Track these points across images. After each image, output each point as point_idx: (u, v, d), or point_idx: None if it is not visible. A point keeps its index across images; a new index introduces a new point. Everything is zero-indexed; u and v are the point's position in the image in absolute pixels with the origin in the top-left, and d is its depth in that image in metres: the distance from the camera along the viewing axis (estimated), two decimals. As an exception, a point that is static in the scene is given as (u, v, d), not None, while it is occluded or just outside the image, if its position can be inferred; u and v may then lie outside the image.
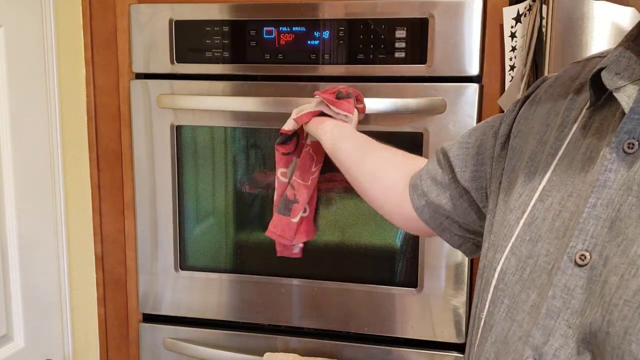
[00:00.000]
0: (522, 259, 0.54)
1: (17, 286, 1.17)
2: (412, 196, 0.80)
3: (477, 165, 0.72)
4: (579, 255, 0.47)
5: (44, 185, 1.23)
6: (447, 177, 0.76)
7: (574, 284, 0.47)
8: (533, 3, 1.00)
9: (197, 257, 1.31)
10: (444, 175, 0.76)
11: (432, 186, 0.78)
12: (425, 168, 0.82)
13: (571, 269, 0.48)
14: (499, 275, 0.56)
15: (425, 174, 0.80)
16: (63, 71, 1.26)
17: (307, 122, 1.05)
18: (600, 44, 0.88)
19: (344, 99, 1.04)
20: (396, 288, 1.20)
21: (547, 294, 0.49)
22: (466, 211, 0.74)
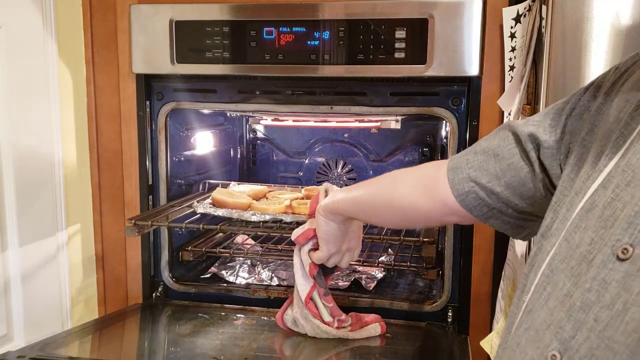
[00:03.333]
0: (572, 247, 0.52)
1: (17, 286, 1.17)
2: (454, 181, 0.74)
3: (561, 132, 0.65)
4: (622, 249, 0.46)
5: (44, 185, 1.23)
6: (519, 155, 0.69)
7: (611, 277, 0.46)
8: (533, 3, 1.00)
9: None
10: (514, 153, 0.70)
11: (482, 170, 0.72)
12: (468, 153, 0.76)
13: (612, 262, 0.46)
14: (549, 260, 0.54)
15: (471, 158, 0.74)
16: (63, 71, 1.26)
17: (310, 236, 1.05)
18: (600, 44, 0.88)
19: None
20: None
21: (585, 286, 0.48)
22: (529, 192, 0.69)
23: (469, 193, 0.73)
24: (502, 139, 0.72)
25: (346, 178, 1.77)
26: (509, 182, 0.70)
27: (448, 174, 0.76)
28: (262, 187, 1.55)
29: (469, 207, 0.74)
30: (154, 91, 1.32)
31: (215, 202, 1.35)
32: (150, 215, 1.27)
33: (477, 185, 0.72)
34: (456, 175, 0.75)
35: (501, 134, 0.73)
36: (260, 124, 1.80)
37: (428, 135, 1.69)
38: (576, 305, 0.48)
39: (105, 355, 1.12)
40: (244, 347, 1.10)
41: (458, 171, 0.75)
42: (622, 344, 0.43)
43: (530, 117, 0.70)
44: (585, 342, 0.46)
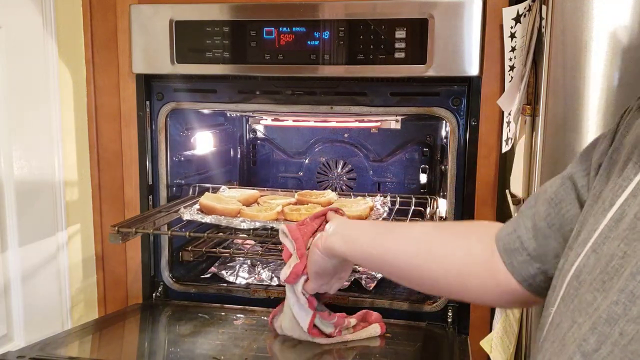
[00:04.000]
0: (600, 258, 0.49)
1: (17, 286, 1.17)
2: (512, 264, 0.66)
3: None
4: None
5: (44, 185, 1.23)
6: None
7: (639, 290, 0.44)
8: (533, 3, 1.00)
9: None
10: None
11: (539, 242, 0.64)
12: (519, 223, 0.67)
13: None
14: (574, 271, 0.52)
15: (524, 234, 0.65)
16: (63, 71, 1.26)
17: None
18: (600, 44, 0.88)
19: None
20: None
21: (612, 299, 0.46)
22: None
23: (536, 275, 0.65)
24: (553, 202, 0.65)
25: (346, 178, 1.77)
26: (564, 235, 0.62)
27: (502, 258, 0.67)
28: (253, 191, 1.51)
29: (540, 290, 0.65)
30: (154, 91, 1.32)
31: (203, 208, 1.29)
32: (135, 221, 1.23)
33: (542, 264, 0.64)
34: (514, 259, 0.66)
35: (553, 193, 0.65)
36: (260, 124, 1.80)
37: (428, 135, 1.69)
38: (602, 319, 0.46)
39: (105, 355, 1.12)
40: (244, 347, 1.10)
41: (515, 254, 0.66)
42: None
43: (582, 153, 0.65)
44: (609, 356, 0.44)
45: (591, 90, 0.89)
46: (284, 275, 1.00)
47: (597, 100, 0.88)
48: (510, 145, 1.08)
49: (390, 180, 1.74)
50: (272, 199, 1.46)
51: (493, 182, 1.17)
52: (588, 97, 0.89)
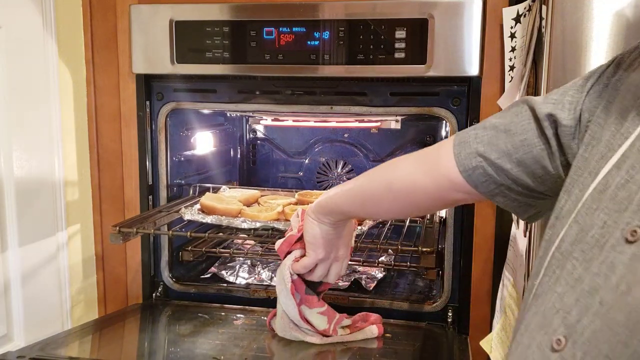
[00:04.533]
0: (584, 229, 0.51)
1: (17, 286, 1.17)
2: (460, 156, 0.71)
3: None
4: (631, 231, 0.45)
5: (44, 185, 1.23)
6: (535, 131, 0.66)
7: (619, 260, 0.45)
8: (533, 3, 1.00)
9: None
10: (530, 130, 0.66)
11: (492, 145, 0.69)
12: (477, 128, 0.73)
13: (621, 245, 0.46)
14: (558, 242, 0.53)
15: (480, 132, 0.71)
16: (63, 71, 1.26)
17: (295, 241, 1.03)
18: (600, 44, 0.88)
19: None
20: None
21: (594, 271, 0.47)
22: (541, 170, 0.66)
23: (476, 169, 0.70)
24: (515, 114, 0.69)
25: (346, 178, 1.77)
26: (520, 159, 0.66)
27: (454, 148, 0.72)
28: (254, 191, 1.51)
29: (476, 183, 0.71)
30: (154, 91, 1.32)
31: (204, 208, 1.31)
32: (136, 221, 1.23)
33: (485, 161, 0.69)
34: (463, 150, 0.71)
35: (515, 109, 0.70)
36: (260, 124, 1.80)
37: (428, 135, 1.69)
38: (585, 290, 0.47)
39: (105, 355, 1.12)
40: (244, 347, 1.10)
41: (465, 146, 0.71)
42: (622, 324, 0.43)
43: (549, 94, 0.67)
44: (590, 326, 0.45)
45: (591, 90, 0.88)
46: (277, 244, 1.04)
47: (597, 100, 0.88)
48: (510, 145, 1.08)
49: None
50: (273, 199, 1.46)
51: (493, 182, 1.16)
52: (588, 97, 0.89)
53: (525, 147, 0.66)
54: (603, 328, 0.44)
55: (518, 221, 1.04)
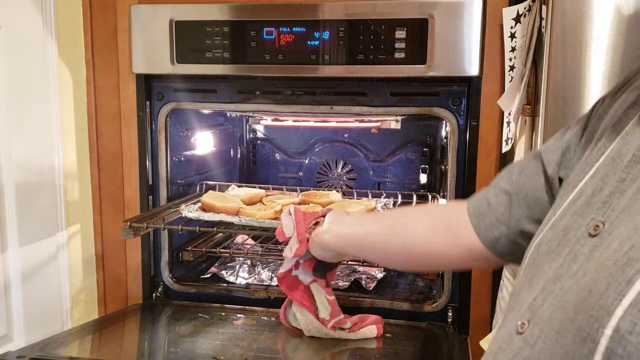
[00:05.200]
0: (557, 232, 0.54)
1: (17, 286, 1.17)
2: (479, 226, 0.71)
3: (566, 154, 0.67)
4: (594, 226, 0.49)
5: (44, 185, 1.23)
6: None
7: (581, 252, 0.49)
8: (533, 3, 1.00)
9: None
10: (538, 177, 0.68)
11: (509, 212, 0.69)
12: (489, 193, 0.73)
13: (585, 239, 0.49)
14: (535, 246, 0.57)
15: (494, 200, 0.71)
16: (63, 71, 1.26)
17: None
18: (600, 44, 0.88)
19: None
20: None
21: (559, 262, 0.50)
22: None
23: (500, 238, 0.70)
24: (520, 172, 0.70)
25: (346, 178, 1.77)
26: (539, 217, 0.66)
27: (471, 219, 0.72)
28: (259, 191, 1.52)
29: (501, 253, 0.71)
30: (154, 91, 1.32)
31: (204, 206, 1.32)
32: (146, 217, 1.25)
33: (507, 229, 0.69)
34: (482, 221, 0.71)
35: (520, 167, 0.71)
36: (260, 124, 1.80)
37: (428, 135, 1.69)
38: (550, 279, 0.51)
39: (105, 355, 1.12)
40: (244, 347, 1.09)
41: (483, 217, 0.71)
42: (572, 303, 0.45)
43: (557, 135, 0.69)
44: (549, 308, 0.48)
45: (591, 90, 0.89)
46: (286, 254, 1.05)
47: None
48: (510, 145, 1.08)
49: (390, 180, 1.74)
50: (279, 198, 1.45)
51: (493, 182, 1.17)
52: (588, 97, 0.89)
53: (539, 206, 0.68)
54: (557, 308, 0.47)
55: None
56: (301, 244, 1.02)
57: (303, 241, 1.02)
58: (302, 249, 1.02)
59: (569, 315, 0.45)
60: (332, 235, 0.95)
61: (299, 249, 1.02)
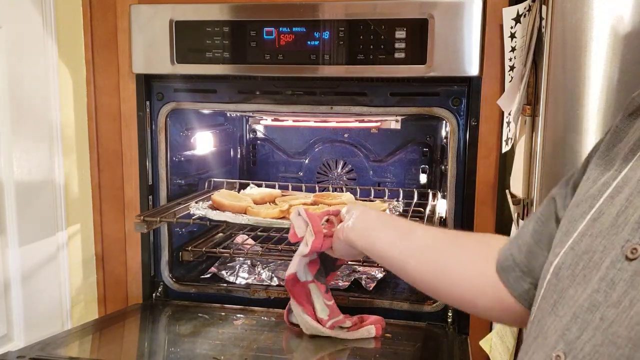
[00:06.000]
0: (579, 254, 0.52)
1: (17, 286, 1.17)
2: (508, 281, 0.70)
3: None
4: (632, 249, 0.47)
5: (45, 185, 1.23)
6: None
7: (619, 277, 0.47)
8: (533, 3, 1.00)
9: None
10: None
11: (532, 262, 0.68)
12: (512, 247, 0.71)
13: (621, 262, 0.47)
14: (553, 270, 0.55)
15: (517, 254, 0.69)
16: (63, 71, 1.26)
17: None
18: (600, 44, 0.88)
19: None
20: None
21: (592, 288, 0.48)
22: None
23: (530, 290, 0.68)
24: (536, 220, 0.69)
25: (346, 178, 1.77)
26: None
27: (500, 275, 0.71)
28: (274, 191, 1.51)
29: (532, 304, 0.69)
30: (154, 91, 1.32)
31: (214, 204, 1.33)
32: (158, 212, 1.28)
33: (534, 279, 0.67)
34: (510, 275, 0.70)
35: (540, 214, 0.69)
36: (260, 124, 1.80)
37: (428, 135, 1.69)
38: (584, 307, 0.48)
39: (105, 355, 1.12)
40: (244, 347, 1.09)
41: (509, 270, 0.70)
42: (625, 337, 0.44)
43: (566, 177, 0.68)
44: (590, 341, 0.46)
45: (591, 90, 0.89)
46: (303, 251, 1.03)
47: (597, 100, 0.88)
48: (510, 145, 1.08)
49: (390, 180, 1.75)
50: (293, 198, 1.44)
51: (493, 182, 1.17)
52: (588, 97, 0.89)
53: (549, 236, 0.66)
54: (605, 342, 0.45)
55: (518, 221, 1.04)
56: (317, 235, 1.00)
57: (319, 233, 1.00)
58: (319, 242, 0.99)
59: (623, 352, 0.43)
60: (359, 236, 0.91)
61: (315, 241, 0.99)
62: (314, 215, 1.03)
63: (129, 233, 1.35)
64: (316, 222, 1.01)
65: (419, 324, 1.23)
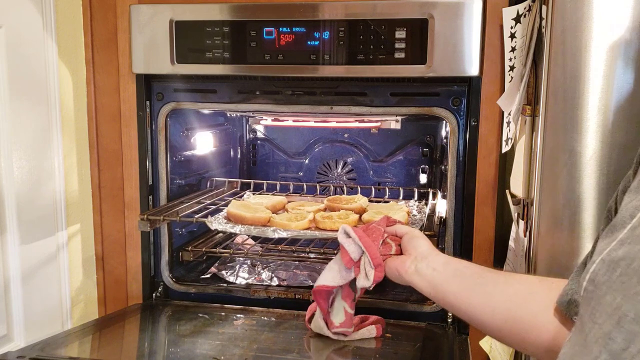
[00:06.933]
0: (615, 261, 0.51)
1: (17, 286, 1.17)
2: (570, 314, 0.67)
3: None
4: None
5: (45, 185, 1.23)
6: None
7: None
8: (533, 3, 1.00)
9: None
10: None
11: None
12: (573, 283, 0.69)
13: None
14: (590, 276, 0.54)
15: (576, 287, 0.66)
16: (63, 71, 1.26)
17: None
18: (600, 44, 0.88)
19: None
20: None
21: (637, 298, 0.47)
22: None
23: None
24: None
25: (346, 178, 1.77)
26: None
27: (563, 312, 0.69)
28: (280, 198, 1.47)
29: None
30: (154, 91, 1.32)
31: (231, 217, 1.26)
32: (160, 210, 1.28)
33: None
34: (571, 310, 0.68)
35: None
36: (260, 124, 1.80)
37: (428, 135, 1.69)
38: (628, 317, 0.47)
39: (105, 355, 1.12)
40: (244, 347, 1.09)
41: (571, 305, 0.68)
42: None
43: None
44: (639, 354, 0.45)
45: (591, 90, 0.89)
46: (364, 284, 0.97)
47: (597, 100, 0.88)
48: (510, 145, 1.08)
49: (390, 180, 1.75)
50: (301, 205, 1.40)
51: (493, 182, 1.17)
52: (588, 97, 0.89)
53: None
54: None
55: (518, 221, 1.04)
56: (378, 268, 0.94)
57: (380, 265, 0.94)
58: (380, 274, 0.94)
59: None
60: (425, 282, 0.89)
61: (377, 274, 0.94)
62: (370, 241, 0.96)
63: (129, 233, 1.35)
64: (374, 252, 0.95)
65: (419, 324, 1.23)
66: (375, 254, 0.94)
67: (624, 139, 0.87)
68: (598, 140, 0.89)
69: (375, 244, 0.95)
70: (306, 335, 1.11)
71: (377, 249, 0.95)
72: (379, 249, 0.95)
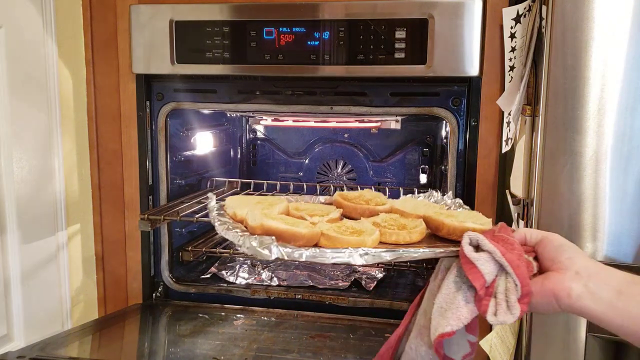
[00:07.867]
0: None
1: (17, 286, 1.17)
2: None
3: None
4: None
5: (44, 185, 1.23)
6: None
7: None
8: (532, 4, 1.00)
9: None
10: None
11: None
12: None
13: None
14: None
15: None
16: (63, 71, 1.26)
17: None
18: (600, 44, 0.88)
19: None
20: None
21: None
22: None
23: None
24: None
25: (346, 178, 1.77)
26: None
27: None
28: (281, 197, 1.29)
29: None
30: (154, 91, 1.32)
31: (268, 232, 0.73)
32: (161, 210, 1.28)
33: None
34: None
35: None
36: (260, 124, 1.80)
37: (428, 136, 1.69)
38: None
39: (105, 355, 1.12)
40: (244, 347, 1.10)
41: None
42: None
43: None
44: None
45: (591, 90, 0.89)
46: (504, 319, 0.66)
47: (597, 100, 0.88)
48: (510, 145, 1.08)
49: (390, 180, 1.75)
50: (305, 205, 1.20)
51: (493, 182, 1.17)
52: (588, 97, 0.89)
53: None
54: None
55: (518, 221, 1.04)
56: (525, 298, 0.66)
57: (529, 294, 0.66)
58: (526, 306, 0.66)
59: None
60: (603, 304, 0.64)
61: (523, 307, 0.66)
62: (514, 258, 0.67)
63: (129, 233, 1.35)
64: (523, 275, 0.66)
65: (419, 324, 1.23)
66: (525, 278, 0.67)
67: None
68: (598, 140, 0.90)
69: (521, 262, 0.68)
70: (306, 335, 1.11)
71: (526, 270, 0.67)
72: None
